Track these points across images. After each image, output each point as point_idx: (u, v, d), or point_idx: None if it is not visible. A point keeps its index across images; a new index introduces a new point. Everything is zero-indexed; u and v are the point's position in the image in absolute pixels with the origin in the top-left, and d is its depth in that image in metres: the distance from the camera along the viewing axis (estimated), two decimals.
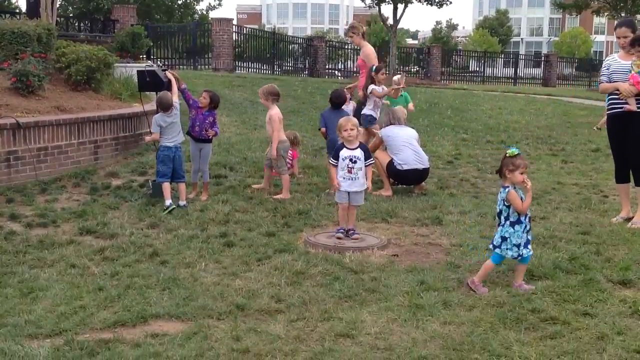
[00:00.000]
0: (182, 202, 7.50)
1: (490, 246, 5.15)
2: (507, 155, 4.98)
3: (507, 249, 5.01)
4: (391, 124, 8.63)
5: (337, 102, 9.00)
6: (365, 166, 6.41)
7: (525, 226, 5.01)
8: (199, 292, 4.97)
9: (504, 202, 5.00)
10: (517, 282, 5.11)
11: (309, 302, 4.80)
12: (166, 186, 7.43)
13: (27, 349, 3.99)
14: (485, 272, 5.12)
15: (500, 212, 5.07)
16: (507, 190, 4.96)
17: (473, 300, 4.85)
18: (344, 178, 6.38)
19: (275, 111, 8.08)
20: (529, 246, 5.09)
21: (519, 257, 5.03)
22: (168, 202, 7.32)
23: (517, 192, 4.94)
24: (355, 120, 6.63)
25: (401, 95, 10.07)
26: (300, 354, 4.01)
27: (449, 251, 6.10)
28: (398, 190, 8.48)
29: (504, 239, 5.01)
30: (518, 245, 4.98)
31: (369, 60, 9.32)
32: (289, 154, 9.17)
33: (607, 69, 7.05)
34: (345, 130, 6.38)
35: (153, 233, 6.56)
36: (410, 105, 10.46)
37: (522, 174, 4.91)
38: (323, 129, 8.98)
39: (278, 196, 7.92)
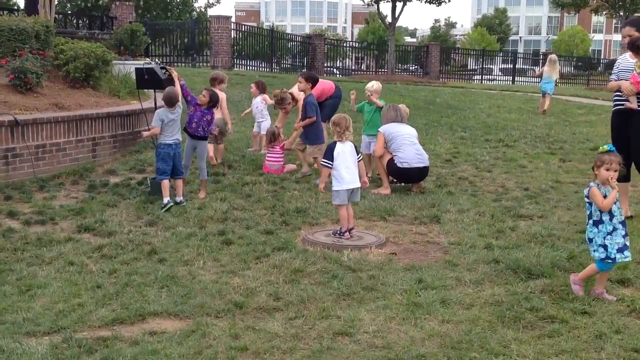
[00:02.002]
0: (179, 198, 7.50)
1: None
2: (599, 151, 4.83)
3: (593, 250, 4.80)
4: (394, 121, 8.60)
5: (315, 78, 9.18)
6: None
7: (615, 228, 4.74)
8: (197, 290, 4.97)
9: (587, 198, 4.83)
10: (597, 289, 4.88)
11: (307, 300, 4.80)
12: (165, 184, 7.43)
13: (25, 347, 3.99)
14: (602, 277, 4.90)
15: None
16: (589, 186, 4.80)
17: (471, 298, 4.86)
18: None
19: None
20: (626, 252, 4.76)
21: (608, 260, 4.74)
22: (166, 199, 7.32)
23: (600, 189, 4.74)
24: (335, 119, 6.63)
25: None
26: (298, 352, 4.01)
27: (447, 249, 6.10)
28: (396, 189, 8.48)
29: (590, 239, 4.83)
30: (605, 247, 4.73)
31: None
32: (275, 148, 9.23)
33: (617, 67, 7.19)
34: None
35: (151, 231, 6.56)
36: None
37: (607, 170, 4.72)
38: (314, 117, 8.90)
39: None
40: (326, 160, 6.52)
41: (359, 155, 6.63)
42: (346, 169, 6.42)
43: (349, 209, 6.48)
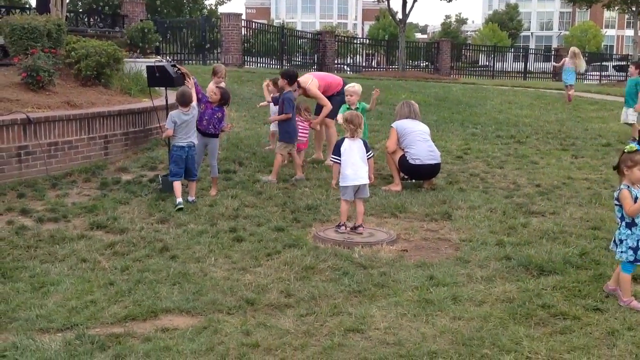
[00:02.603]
0: (191, 198, 7.50)
1: (613, 247, 4.83)
2: (626, 150, 4.65)
3: (621, 252, 4.66)
4: (408, 117, 8.60)
5: (291, 75, 9.03)
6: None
7: None
8: (208, 287, 4.99)
9: (617, 201, 4.67)
10: (612, 284, 4.76)
11: (318, 297, 4.81)
12: (177, 186, 7.38)
13: (38, 343, 4.02)
14: (626, 285, 4.70)
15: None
16: (620, 189, 4.64)
17: (483, 295, 4.85)
18: None
19: None
20: None
21: (637, 262, 4.62)
22: (178, 200, 7.26)
23: (631, 192, 4.57)
24: (349, 116, 6.69)
25: (357, 107, 8.67)
26: (309, 349, 4.02)
27: (459, 246, 6.09)
28: (407, 185, 8.47)
29: (620, 241, 4.68)
30: (635, 249, 4.61)
31: (321, 99, 9.51)
32: (304, 123, 9.35)
33: None
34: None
35: (163, 228, 6.58)
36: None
37: None
38: (289, 115, 8.71)
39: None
40: (334, 157, 6.61)
41: (370, 152, 6.64)
42: (352, 165, 6.45)
43: (358, 206, 6.49)
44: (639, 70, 12.56)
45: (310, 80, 9.67)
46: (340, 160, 6.50)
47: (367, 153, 6.57)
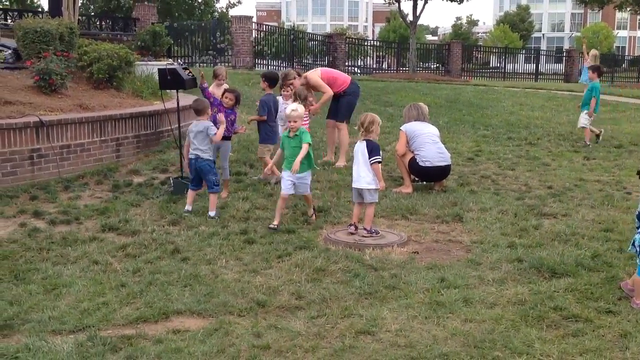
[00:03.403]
0: (210, 212, 7.07)
1: (632, 250, 4.75)
2: None
3: None
4: (416, 119, 8.59)
5: (271, 77, 8.97)
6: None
7: None
8: (219, 289, 5.00)
9: None
10: (638, 300, 4.66)
11: (329, 299, 4.81)
12: (188, 194, 7.32)
13: (51, 345, 4.05)
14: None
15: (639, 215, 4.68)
16: None
17: (494, 297, 4.83)
18: None
19: None
20: None
21: None
22: (185, 208, 7.19)
23: None
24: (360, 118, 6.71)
25: (296, 135, 6.83)
26: (320, 351, 4.02)
27: (470, 248, 6.08)
28: (418, 187, 8.45)
29: None
30: None
31: (322, 87, 9.50)
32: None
33: None
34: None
35: (174, 230, 6.60)
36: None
37: None
38: (264, 117, 8.53)
39: None
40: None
41: (375, 157, 6.40)
42: (355, 168, 6.51)
43: (368, 209, 6.49)
44: (596, 74, 12.48)
45: (314, 70, 9.86)
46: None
47: (371, 157, 6.41)
